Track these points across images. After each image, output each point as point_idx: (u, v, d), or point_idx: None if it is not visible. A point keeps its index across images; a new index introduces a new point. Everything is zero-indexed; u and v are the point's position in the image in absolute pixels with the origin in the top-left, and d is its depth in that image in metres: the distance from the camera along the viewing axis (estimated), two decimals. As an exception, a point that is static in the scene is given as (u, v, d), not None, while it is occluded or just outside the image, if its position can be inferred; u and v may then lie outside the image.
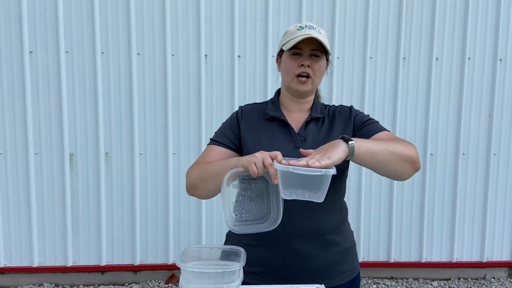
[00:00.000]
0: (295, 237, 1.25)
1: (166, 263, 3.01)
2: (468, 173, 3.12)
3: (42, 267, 2.91)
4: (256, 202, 1.14)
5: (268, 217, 1.13)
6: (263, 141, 1.30)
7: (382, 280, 3.16)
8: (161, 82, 2.87)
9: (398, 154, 1.12)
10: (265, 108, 1.37)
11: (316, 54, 1.27)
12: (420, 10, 2.97)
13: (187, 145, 2.93)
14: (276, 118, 1.33)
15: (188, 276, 0.99)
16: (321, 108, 1.37)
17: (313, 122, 1.33)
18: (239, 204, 1.15)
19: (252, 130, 1.33)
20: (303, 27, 1.28)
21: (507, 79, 3.07)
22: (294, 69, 1.28)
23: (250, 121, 1.35)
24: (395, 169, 1.14)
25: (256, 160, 1.04)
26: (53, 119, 2.82)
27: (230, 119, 1.39)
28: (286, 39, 1.30)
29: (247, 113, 1.38)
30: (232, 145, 1.33)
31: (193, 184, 1.27)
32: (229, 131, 1.35)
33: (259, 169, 1.03)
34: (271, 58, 2.91)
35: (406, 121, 3.04)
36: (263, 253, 1.27)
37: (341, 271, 1.31)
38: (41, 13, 2.74)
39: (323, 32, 1.30)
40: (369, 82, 2.99)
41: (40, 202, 2.87)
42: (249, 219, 1.13)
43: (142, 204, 2.95)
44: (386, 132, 1.27)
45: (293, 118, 1.34)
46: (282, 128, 1.32)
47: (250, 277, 1.22)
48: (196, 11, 2.84)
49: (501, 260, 3.23)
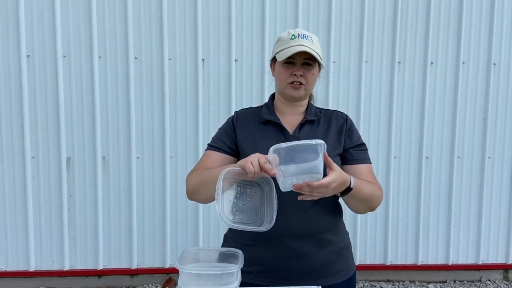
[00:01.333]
0: (291, 236, 1.27)
1: (163, 267, 3.01)
2: (463, 176, 3.14)
3: (38, 271, 2.91)
4: (250, 207, 1.18)
5: (261, 222, 1.16)
6: (258, 143, 1.33)
7: (379, 283, 3.17)
8: (158, 86, 2.88)
9: (372, 202, 1.30)
10: (260, 112, 1.41)
11: (308, 63, 1.31)
12: (414, 15, 3.01)
13: (184, 148, 2.94)
14: (271, 121, 1.37)
15: (187, 278, 1.00)
16: (315, 111, 1.41)
17: (307, 124, 1.37)
18: (234, 206, 1.18)
19: (248, 133, 1.37)
20: (295, 36, 1.31)
21: (501, 83, 3.10)
22: (287, 78, 1.32)
23: (245, 125, 1.39)
24: (359, 209, 1.33)
25: (252, 159, 1.09)
26: (50, 122, 2.82)
27: (226, 124, 1.43)
28: (279, 47, 1.33)
29: (242, 117, 1.42)
30: (229, 150, 1.36)
31: (193, 190, 1.31)
32: (225, 136, 1.38)
33: (255, 167, 1.08)
34: (268, 62, 2.92)
35: (402, 124, 3.07)
36: (260, 253, 1.29)
37: (336, 270, 1.34)
38: (38, 17, 2.75)
39: (315, 39, 1.34)
40: (365, 86, 3.01)
41: (37, 206, 2.86)
42: (242, 221, 1.16)
43: (139, 207, 2.95)
44: (368, 167, 1.37)
45: (288, 121, 1.38)
46: (277, 131, 1.36)
47: (247, 276, 1.25)
48: (193, 15, 2.86)
49: (496, 262, 3.25)
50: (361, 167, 1.35)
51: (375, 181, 1.35)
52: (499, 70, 3.09)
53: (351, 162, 1.35)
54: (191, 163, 2.94)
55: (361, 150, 1.38)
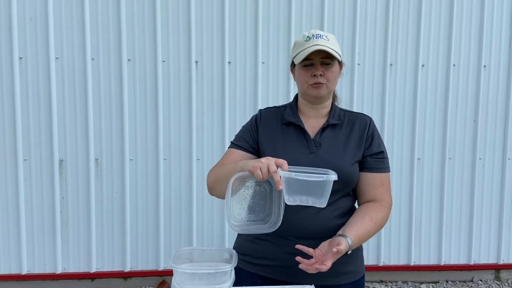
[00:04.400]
0: (301, 235, 1.28)
1: (156, 269, 3.00)
2: (454, 177, 3.18)
3: (31, 275, 2.88)
4: (259, 204, 1.20)
5: (269, 219, 1.19)
6: (278, 145, 1.34)
7: (372, 283, 3.19)
8: (151, 88, 2.88)
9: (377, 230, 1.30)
10: (283, 113, 1.41)
11: (327, 62, 1.30)
12: (406, 17, 3.04)
13: (178, 150, 2.94)
14: (293, 123, 1.37)
15: (181, 277, 1.01)
16: (338, 115, 1.39)
17: (329, 129, 1.36)
18: (242, 204, 1.21)
19: (269, 134, 1.38)
20: (310, 37, 1.30)
21: (491, 85, 3.15)
22: (307, 79, 1.32)
23: (267, 125, 1.40)
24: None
25: (262, 165, 1.09)
26: (43, 125, 2.81)
27: (249, 123, 1.44)
28: (296, 51, 1.33)
29: (265, 117, 1.42)
30: (251, 148, 1.38)
31: (211, 186, 1.35)
32: (248, 135, 1.40)
33: (264, 174, 1.08)
34: (261, 64, 2.94)
35: (394, 126, 3.10)
36: (270, 248, 1.32)
37: (345, 271, 1.34)
38: (31, 19, 2.74)
39: (331, 37, 1.32)
40: (357, 88, 3.04)
41: (29, 209, 2.84)
42: (251, 219, 1.19)
43: (133, 210, 2.94)
44: (382, 176, 1.36)
45: (310, 124, 1.38)
46: (298, 133, 1.36)
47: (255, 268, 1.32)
48: (187, 18, 2.87)
49: (488, 262, 3.29)
50: (374, 177, 1.34)
51: (385, 194, 1.34)
52: (489, 72, 3.13)
53: (366, 169, 1.35)
54: (185, 165, 2.95)
55: (378, 158, 1.36)
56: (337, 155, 1.31)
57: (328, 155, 1.31)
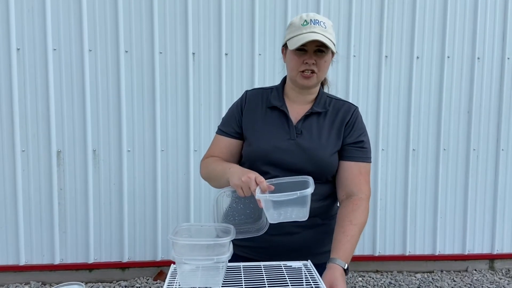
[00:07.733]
0: None
1: (154, 260, 3.02)
2: (449, 168, 3.22)
3: (29, 266, 2.89)
4: (249, 206, 1.24)
5: (259, 221, 1.23)
6: (259, 130, 1.34)
7: (368, 273, 3.22)
8: (149, 79, 2.90)
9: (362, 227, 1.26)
10: (269, 96, 1.38)
11: (321, 50, 1.26)
12: (401, 9, 3.07)
13: (175, 142, 2.96)
14: (278, 108, 1.35)
15: (180, 249, 1.03)
16: (324, 102, 1.37)
17: (313, 116, 1.34)
18: (232, 209, 1.26)
19: (252, 118, 1.37)
20: (307, 21, 1.24)
21: (485, 77, 3.19)
22: (298, 66, 1.28)
23: (251, 108, 1.38)
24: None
25: (243, 185, 1.12)
26: (40, 116, 2.82)
27: (235, 106, 1.43)
28: (291, 34, 1.27)
29: (250, 99, 1.40)
30: (236, 134, 1.39)
31: (204, 178, 1.39)
32: (232, 120, 1.40)
33: (245, 192, 1.13)
34: (258, 56, 2.96)
35: (389, 117, 3.13)
36: None
37: (325, 250, 1.31)
38: (28, 10, 2.75)
39: (328, 24, 1.27)
40: (353, 80, 3.07)
41: (27, 200, 2.86)
42: (242, 221, 1.24)
43: (130, 201, 2.96)
44: (361, 166, 1.32)
45: (294, 109, 1.35)
46: (281, 118, 1.34)
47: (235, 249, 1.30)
48: (184, 9, 2.89)
49: (482, 252, 3.33)
50: (352, 166, 1.32)
51: (362, 185, 1.30)
52: (482, 64, 3.17)
53: (344, 158, 1.33)
54: (182, 156, 2.97)
55: (357, 147, 1.33)
56: (317, 143, 1.30)
57: (307, 143, 1.29)
